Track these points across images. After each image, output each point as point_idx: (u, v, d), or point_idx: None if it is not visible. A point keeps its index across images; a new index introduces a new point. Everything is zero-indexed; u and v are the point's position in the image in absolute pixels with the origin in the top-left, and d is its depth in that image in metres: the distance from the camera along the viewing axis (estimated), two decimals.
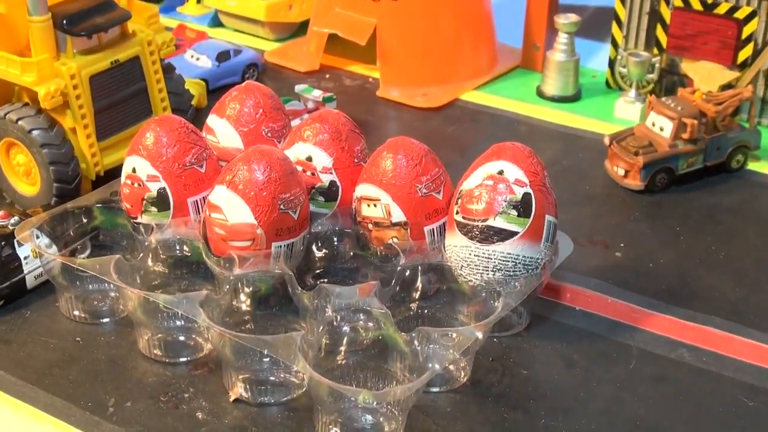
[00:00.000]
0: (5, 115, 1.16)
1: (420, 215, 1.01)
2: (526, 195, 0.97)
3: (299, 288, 0.96)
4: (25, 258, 1.06)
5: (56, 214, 1.07)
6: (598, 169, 1.34)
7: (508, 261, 0.97)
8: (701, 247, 1.18)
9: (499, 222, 0.97)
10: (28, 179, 1.20)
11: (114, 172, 1.17)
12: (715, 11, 1.42)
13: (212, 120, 1.12)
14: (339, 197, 1.06)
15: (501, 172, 0.98)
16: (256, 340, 0.89)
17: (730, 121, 1.32)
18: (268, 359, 0.93)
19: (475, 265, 0.98)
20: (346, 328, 0.94)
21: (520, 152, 1.00)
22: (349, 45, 1.59)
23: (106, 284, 1.03)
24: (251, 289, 0.99)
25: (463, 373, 0.97)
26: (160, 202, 1.03)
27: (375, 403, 0.87)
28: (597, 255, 1.17)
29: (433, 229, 1.02)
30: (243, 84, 1.13)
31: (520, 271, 0.98)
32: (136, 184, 1.04)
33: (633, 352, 1.02)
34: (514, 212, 0.97)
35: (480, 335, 0.90)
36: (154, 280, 1.04)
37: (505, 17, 1.66)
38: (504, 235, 0.97)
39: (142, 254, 1.03)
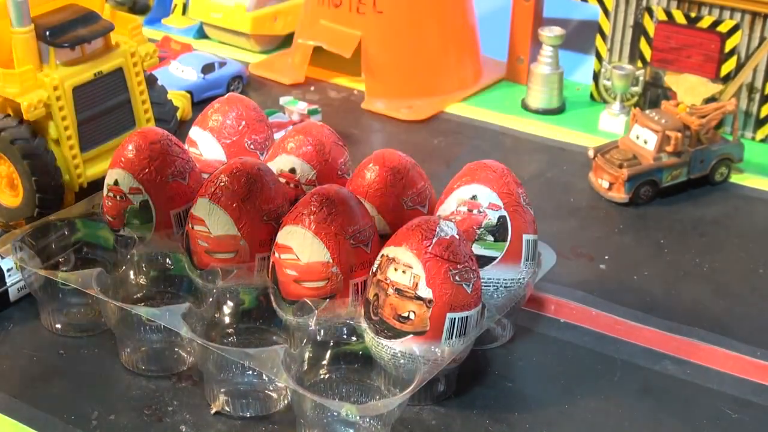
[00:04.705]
0: None
1: None
2: (501, 218, 0.97)
3: (282, 301, 0.96)
4: (8, 270, 1.05)
5: (38, 227, 1.06)
6: (582, 182, 1.34)
7: (489, 286, 0.97)
8: (685, 260, 1.18)
9: (476, 249, 0.96)
10: (10, 191, 1.19)
11: (97, 184, 1.17)
12: (699, 25, 1.42)
13: (195, 132, 1.12)
14: None
15: (474, 197, 0.98)
16: (239, 352, 0.89)
17: (713, 134, 1.32)
18: (250, 372, 0.92)
19: None
20: (329, 342, 0.94)
21: (492, 173, 0.99)
22: (334, 57, 1.59)
23: (89, 297, 1.03)
24: (234, 302, 0.99)
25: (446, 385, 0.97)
26: (143, 214, 1.03)
27: (358, 416, 0.86)
28: (581, 267, 1.17)
29: None
30: (225, 96, 1.13)
31: (501, 293, 0.97)
32: (118, 197, 1.03)
33: (617, 364, 1.02)
34: (491, 237, 0.97)
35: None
36: (136, 293, 1.03)
37: (489, 30, 1.67)
38: (482, 261, 0.96)
39: (124, 267, 1.02)
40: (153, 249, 1.03)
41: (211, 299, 0.97)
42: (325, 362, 0.94)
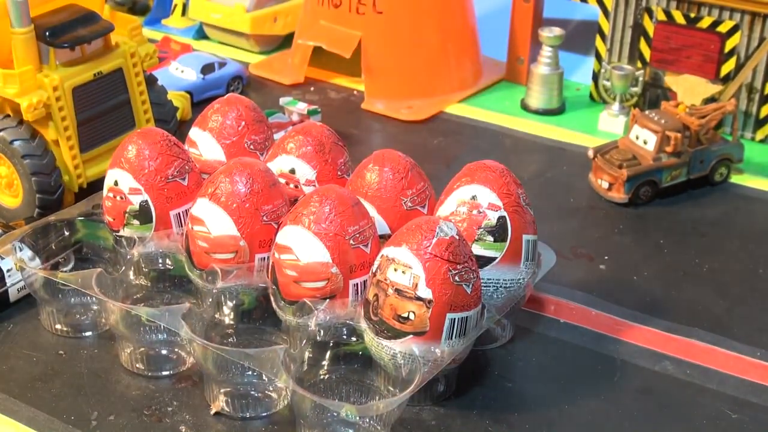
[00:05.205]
0: None
1: None
2: (501, 219, 0.97)
3: (282, 301, 0.96)
4: (8, 271, 1.05)
5: (38, 227, 1.06)
6: (582, 182, 1.34)
7: (489, 286, 0.97)
8: (685, 260, 1.18)
9: (476, 249, 0.96)
10: (10, 191, 1.19)
11: (97, 184, 1.17)
12: (698, 25, 1.42)
13: (194, 133, 1.12)
14: None
15: (474, 198, 0.98)
16: (238, 353, 0.89)
17: (713, 135, 1.32)
18: (250, 372, 0.92)
19: None
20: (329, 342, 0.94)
21: (492, 173, 0.98)
22: (334, 58, 1.59)
23: (88, 298, 1.03)
24: (234, 302, 0.99)
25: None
26: (143, 215, 1.03)
27: (358, 417, 0.86)
28: (581, 268, 1.17)
29: None
30: (225, 96, 1.13)
31: (501, 294, 0.97)
32: (118, 197, 1.03)
33: (617, 364, 1.02)
34: (490, 238, 0.97)
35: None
36: (136, 293, 1.03)
37: (489, 31, 1.67)
38: (482, 261, 0.96)
39: (124, 267, 1.02)
40: (153, 249, 1.03)
41: (210, 299, 0.97)
42: (324, 362, 0.94)
